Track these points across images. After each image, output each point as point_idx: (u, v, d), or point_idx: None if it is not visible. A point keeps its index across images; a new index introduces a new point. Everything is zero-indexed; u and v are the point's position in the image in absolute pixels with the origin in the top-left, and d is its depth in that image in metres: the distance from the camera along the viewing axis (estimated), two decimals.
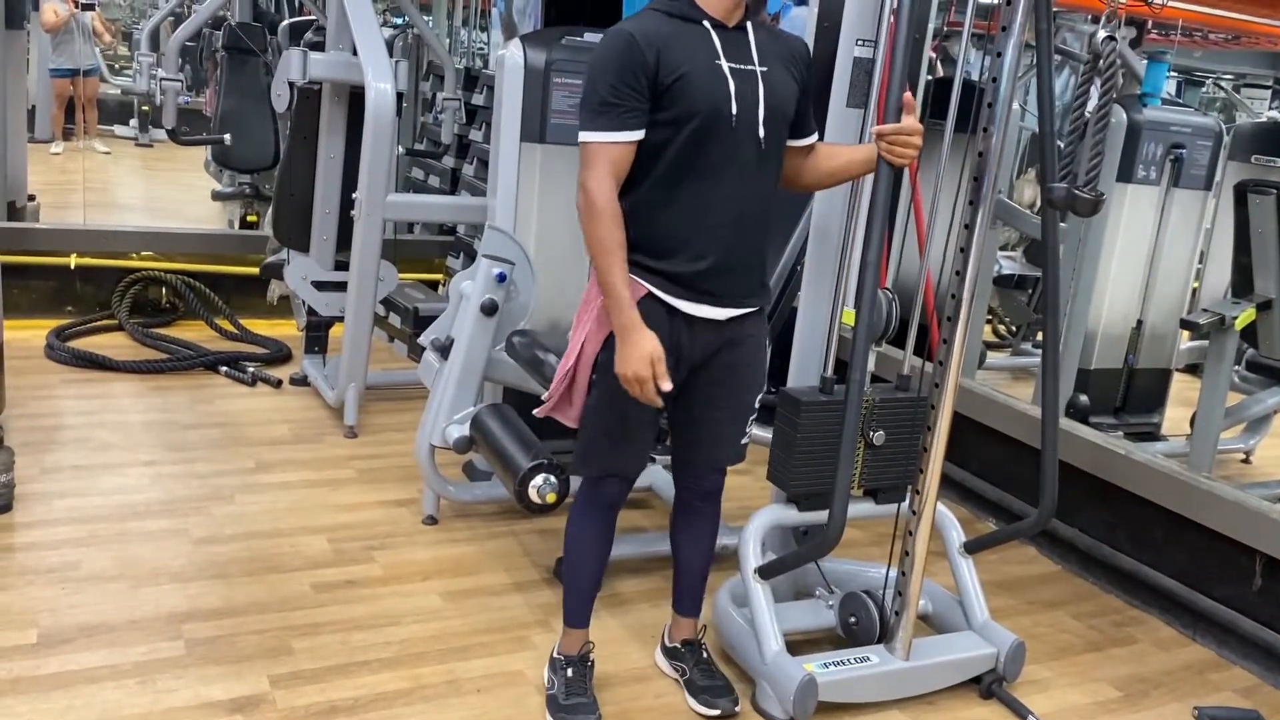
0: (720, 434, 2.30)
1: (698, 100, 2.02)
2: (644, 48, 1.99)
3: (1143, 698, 2.68)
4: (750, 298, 2.21)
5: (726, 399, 2.26)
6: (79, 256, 4.96)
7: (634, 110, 2.01)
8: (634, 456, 2.26)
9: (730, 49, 2.08)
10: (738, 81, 2.06)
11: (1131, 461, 3.22)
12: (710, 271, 2.11)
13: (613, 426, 2.19)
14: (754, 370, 2.29)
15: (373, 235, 3.66)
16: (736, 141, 2.07)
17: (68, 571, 2.73)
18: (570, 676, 2.32)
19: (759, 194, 2.15)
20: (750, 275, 2.20)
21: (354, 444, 3.83)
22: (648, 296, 2.10)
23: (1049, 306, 2.54)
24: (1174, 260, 4.27)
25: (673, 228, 2.09)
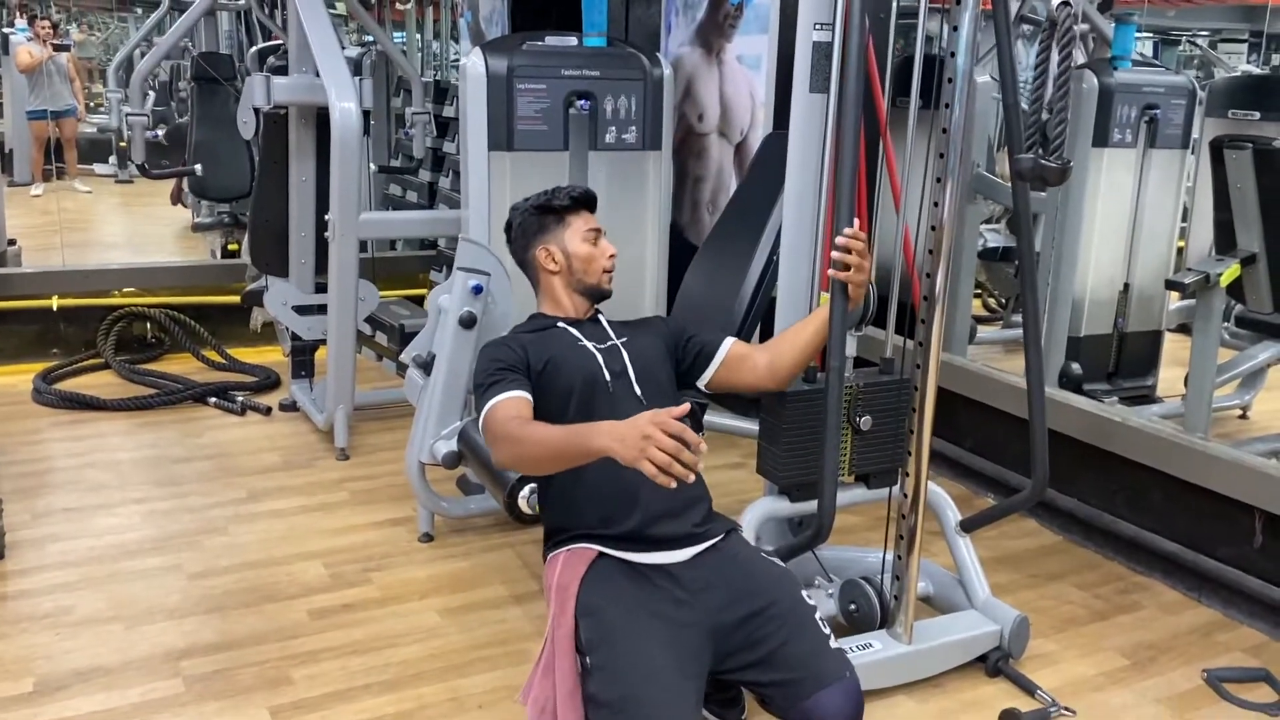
0: (797, 655, 1.93)
1: (571, 374, 2.15)
2: (514, 347, 2.17)
3: (1151, 664, 2.66)
4: (703, 532, 2.09)
5: (770, 618, 1.96)
6: (60, 298, 4.94)
7: (517, 380, 2.09)
8: (685, 715, 1.83)
9: (588, 333, 2.25)
10: (603, 355, 2.21)
11: (1126, 427, 3.21)
12: (646, 524, 2.03)
13: (630, 695, 1.82)
14: (768, 575, 2.06)
15: (349, 256, 3.64)
16: (618, 402, 2.12)
17: (62, 616, 2.71)
18: None
19: None
20: (687, 515, 2.08)
21: (346, 466, 3.81)
22: (600, 556, 2.02)
23: (1025, 278, 2.52)
24: (1156, 221, 4.25)
25: (594, 498, 2.06)
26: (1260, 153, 3.48)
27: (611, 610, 1.93)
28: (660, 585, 1.99)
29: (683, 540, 2.06)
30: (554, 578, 2.05)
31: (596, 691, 1.86)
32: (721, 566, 2.04)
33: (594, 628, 1.91)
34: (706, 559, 2.05)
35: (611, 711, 1.82)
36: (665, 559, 2.03)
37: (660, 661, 1.85)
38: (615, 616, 1.92)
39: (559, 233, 2.30)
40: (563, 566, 2.04)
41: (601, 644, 1.89)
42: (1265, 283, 3.61)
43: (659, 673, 1.84)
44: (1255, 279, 3.61)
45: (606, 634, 1.89)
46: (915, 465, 2.45)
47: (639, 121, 3.46)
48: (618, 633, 1.89)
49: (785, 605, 1.99)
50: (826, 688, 1.89)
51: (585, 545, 2.05)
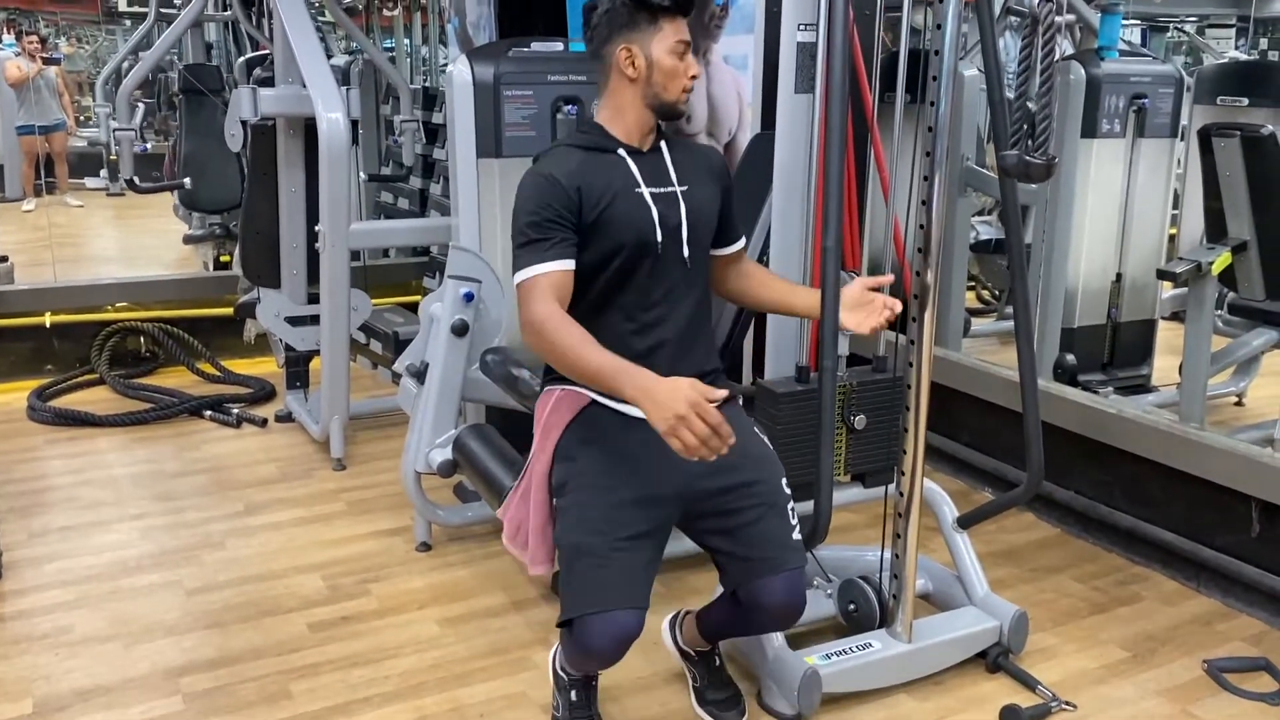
0: (759, 533, 2.01)
1: (623, 233, 2.00)
2: (566, 186, 1.97)
3: (1151, 655, 2.66)
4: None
5: (744, 494, 2.02)
6: (53, 314, 4.93)
7: (565, 241, 1.97)
8: (620, 582, 1.92)
9: (648, 173, 2.05)
10: (660, 206, 2.04)
11: (1121, 418, 3.21)
12: None
13: (580, 545, 1.92)
14: (756, 456, 2.08)
15: (340, 266, 3.64)
16: (663, 266, 2.04)
17: (60, 636, 2.71)
18: (574, 700, 2.26)
19: (692, 310, 2.10)
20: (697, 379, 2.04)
21: (343, 476, 3.80)
22: (592, 404, 2.02)
23: (1015, 271, 2.52)
24: (1147, 210, 4.25)
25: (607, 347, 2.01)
26: (1249, 140, 3.48)
27: (587, 460, 1.99)
28: (646, 439, 1.88)
29: None
30: (544, 414, 2.05)
31: (558, 535, 1.99)
32: None
33: (567, 473, 1.98)
34: None
35: (565, 555, 1.96)
36: None
37: (619, 519, 1.93)
38: (589, 467, 1.98)
39: (648, 35, 2.00)
40: (553, 406, 2.05)
41: (571, 490, 1.97)
42: (1257, 269, 3.61)
43: (618, 528, 1.92)
44: (1247, 266, 3.61)
45: (577, 482, 1.97)
46: (911, 463, 2.44)
47: None
48: (587, 483, 1.97)
49: (765, 487, 2.05)
50: (778, 574, 2.01)
51: (579, 390, 2.03)
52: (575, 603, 1.93)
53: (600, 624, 1.90)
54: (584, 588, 1.92)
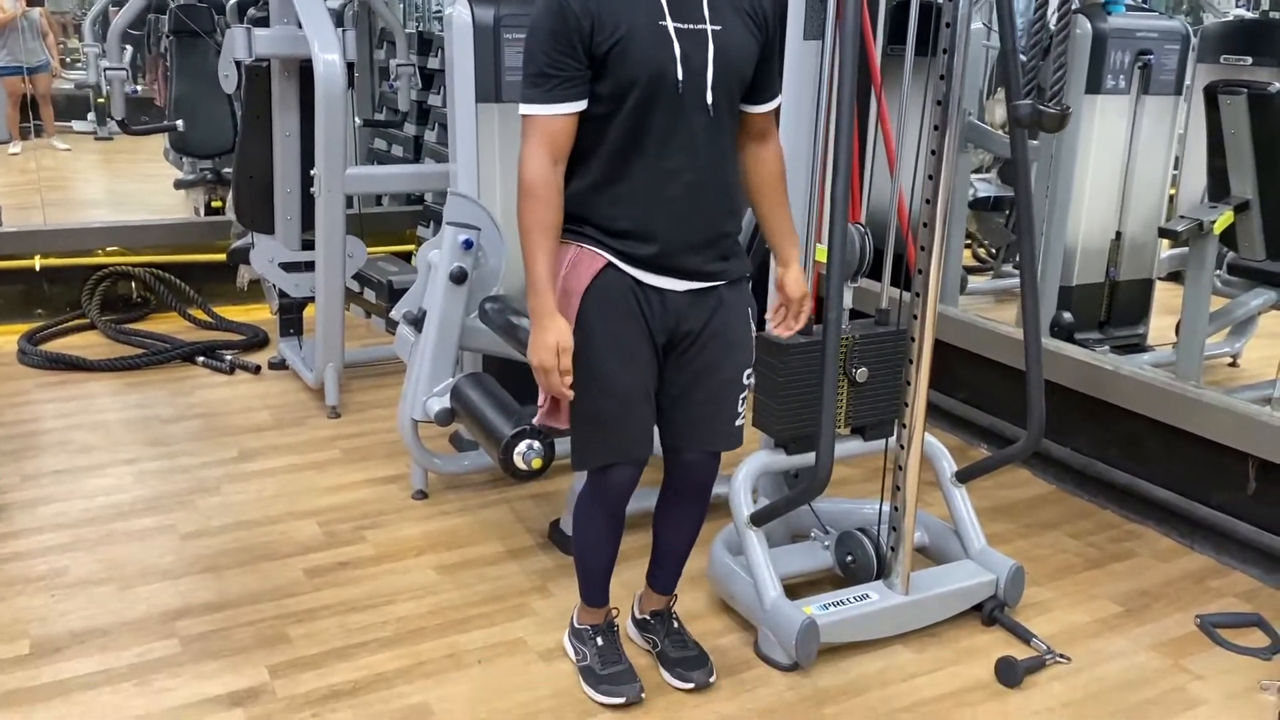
0: (705, 414, 2.14)
1: (638, 67, 1.87)
2: (579, 13, 1.85)
3: (1145, 610, 2.68)
4: (717, 271, 2.06)
5: (709, 375, 2.10)
6: (43, 257, 4.87)
7: (571, 80, 1.88)
8: (635, 439, 2.10)
9: (677, 6, 1.90)
10: (684, 43, 1.90)
11: (1119, 376, 3.20)
12: (667, 248, 1.99)
13: (602, 410, 2.06)
14: (736, 343, 2.12)
15: (335, 212, 3.59)
16: (683, 110, 1.91)
17: (56, 578, 2.70)
18: (602, 645, 2.28)
19: (714, 163, 1.99)
20: (713, 248, 2.04)
21: (337, 424, 3.79)
22: (608, 267, 2.01)
23: (1023, 226, 2.50)
24: (1149, 169, 4.22)
25: (623, 206, 1.98)
26: (1255, 98, 3.45)
27: (603, 329, 2.03)
28: (651, 304, 2.04)
29: (693, 274, 2.05)
30: (560, 272, 2.04)
31: (575, 396, 2.04)
32: (708, 311, 2.08)
33: (584, 342, 2.02)
34: (703, 299, 2.07)
35: (580, 414, 2.08)
36: (668, 285, 2.04)
37: (631, 385, 2.06)
38: (605, 336, 2.03)
39: None
40: (571, 267, 2.03)
41: (587, 360, 2.02)
42: (1258, 229, 3.60)
43: (629, 394, 2.06)
44: (1248, 226, 3.60)
45: (594, 352, 2.03)
46: (912, 416, 2.44)
47: None
48: (603, 353, 2.03)
49: (728, 375, 2.13)
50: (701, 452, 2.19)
51: (597, 251, 2.01)
52: (597, 456, 2.13)
53: (620, 471, 2.13)
54: (591, 445, 2.12)
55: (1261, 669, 2.42)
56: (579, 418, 2.09)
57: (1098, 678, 2.39)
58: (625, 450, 2.10)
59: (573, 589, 2.36)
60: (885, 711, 2.24)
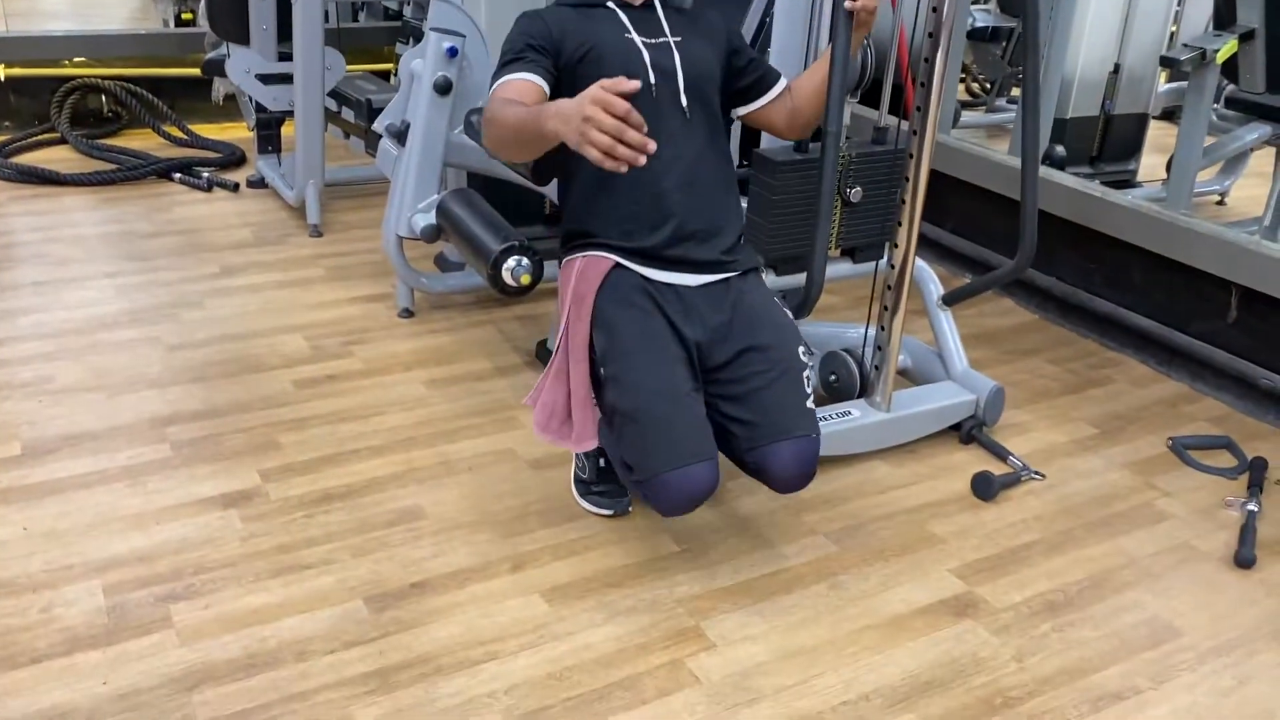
0: (772, 398, 1.96)
1: (611, 70, 1.86)
2: (550, 25, 2.00)
3: (1119, 432, 2.74)
4: (725, 261, 2.06)
5: (758, 354, 1.99)
6: (7, 67, 4.69)
7: (533, 61, 1.96)
8: (690, 435, 1.89)
9: (640, 25, 2.05)
10: (652, 52, 2.03)
11: (1108, 204, 3.19)
12: (670, 240, 2.00)
13: (645, 410, 1.89)
14: (773, 321, 2.04)
15: (313, 20, 3.46)
16: (660, 111, 1.97)
17: (43, 385, 2.70)
18: (602, 466, 2.28)
19: (701, 160, 2.03)
20: (716, 237, 2.05)
21: (320, 243, 3.74)
22: (616, 267, 1.98)
23: (1029, 42, 2.43)
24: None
25: (619, 206, 1.99)
26: None
27: (626, 324, 1.98)
28: (669, 301, 2.01)
29: (701, 266, 2.05)
30: (569, 284, 2.05)
31: (614, 400, 1.94)
32: (729, 301, 2.04)
33: (609, 340, 1.97)
34: (717, 290, 2.05)
35: (627, 419, 1.92)
36: (678, 279, 2.03)
37: (674, 377, 1.93)
38: (630, 330, 1.97)
39: None
40: (578, 275, 2.04)
41: (619, 356, 1.94)
42: (1261, 60, 3.54)
43: (673, 388, 1.91)
44: (1252, 56, 3.53)
45: (622, 347, 1.95)
46: (906, 236, 2.42)
47: None
48: (632, 346, 1.95)
49: (778, 354, 2.00)
50: (784, 440, 1.94)
51: (602, 254, 2.03)
52: (649, 463, 1.88)
53: (678, 480, 1.86)
54: (655, 448, 1.88)
55: (1227, 487, 2.51)
56: (625, 425, 1.91)
57: (1070, 493, 2.46)
58: (682, 450, 1.87)
59: None
60: (863, 520, 2.31)
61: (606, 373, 1.96)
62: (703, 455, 1.89)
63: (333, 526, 2.19)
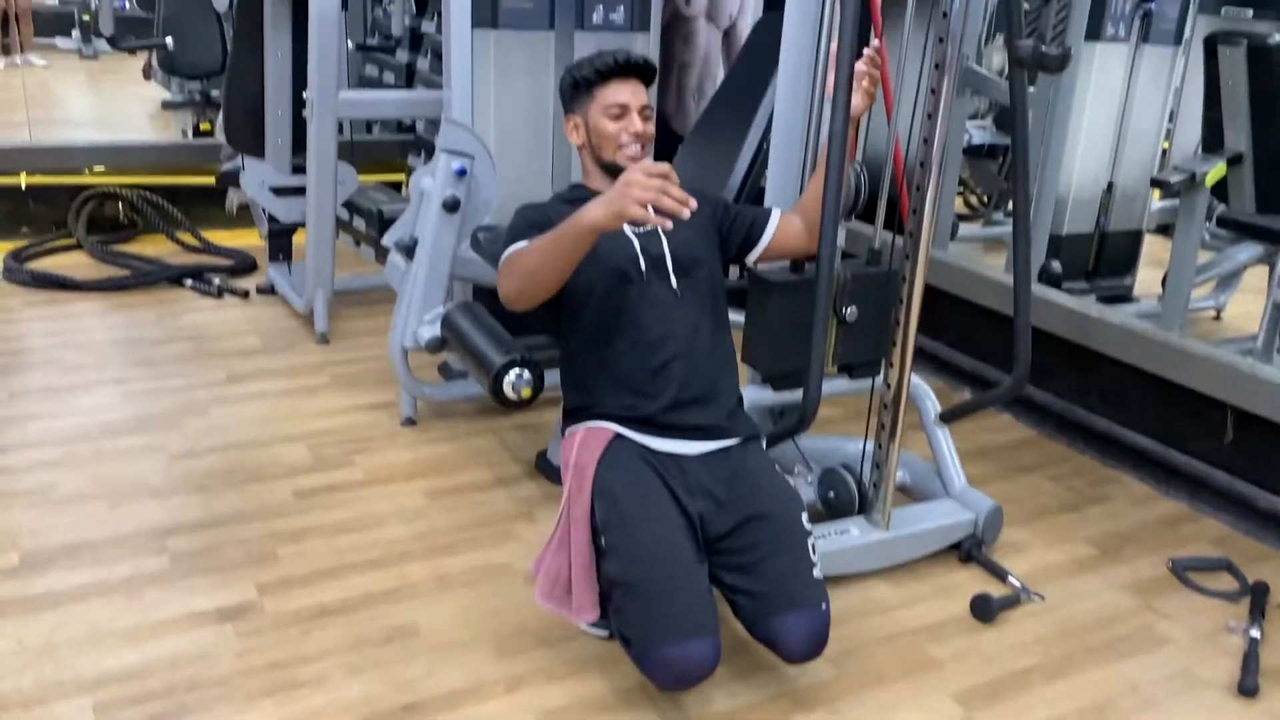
0: (779, 568, 1.95)
1: (605, 259, 2.06)
2: (550, 212, 2.10)
3: (1118, 552, 2.74)
4: (724, 428, 2.11)
5: (764, 528, 1.99)
6: (29, 175, 4.82)
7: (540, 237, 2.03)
8: (692, 606, 1.87)
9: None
10: (641, 240, 2.13)
11: (1104, 323, 3.24)
12: (669, 406, 2.05)
13: (645, 580, 1.89)
14: (773, 488, 2.07)
15: (327, 135, 3.56)
16: (650, 291, 2.08)
17: (45, 493, 2.72)
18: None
19: (696, 333, 2.11)
20: (714, 404, 2.11)
21: (326, 350, 3.79)
22: (617, 438, 2.03)
23: (1019, 168, 2.50)
24: (1144, 119, 4.22)
25: (619, 380, 2.06)
26: (1254, 49, 3.44)
27: (627, 493, 1.98)
28: (670, 471, 2.03)
29: (701, 432, 2.08)
30: (571, 456, 2.07)
31: (615, 572, 1.93)
32: (730, 470, 2.06)
33: (610, 510, 1.96)
34: (718, 459, 2.07)
35: (627, 591, 1.90)
36: (679, 448, 2.06)
37: (675, 548, 1.92)
38: (631, 500, 1.97)
39: (585, 105, 2.18)
40: (580, 446, 2.06)
41: (619, 526, 1.94)
42: (1249, 183, 3.61)
43: (674, 559, 1.90)
44: (1240, 179, 3.60)
45: (623, 517, 1.95)
46: (900, 356, 2.46)
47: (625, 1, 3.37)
48: (634, 516, 1.95)
49: (782, 521, 2.01)
50: (795, 611, 1.92)
51: (603, 425, 2.07)
52: (647, 637, 1.86)
53: (678, 655, 1.84)
54: (654, 621, 1.86)
55: (1229, 611, 2.49)
56: (625, 597, 1.91)
57: (1070, 615, 2.44)
58: (679, 622, 1.84)
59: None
60: (861, 642, 2.29)
61: (607, 542, 1.94)
62: (703, 631, 1.85)
63: (327, 643, 2.18)
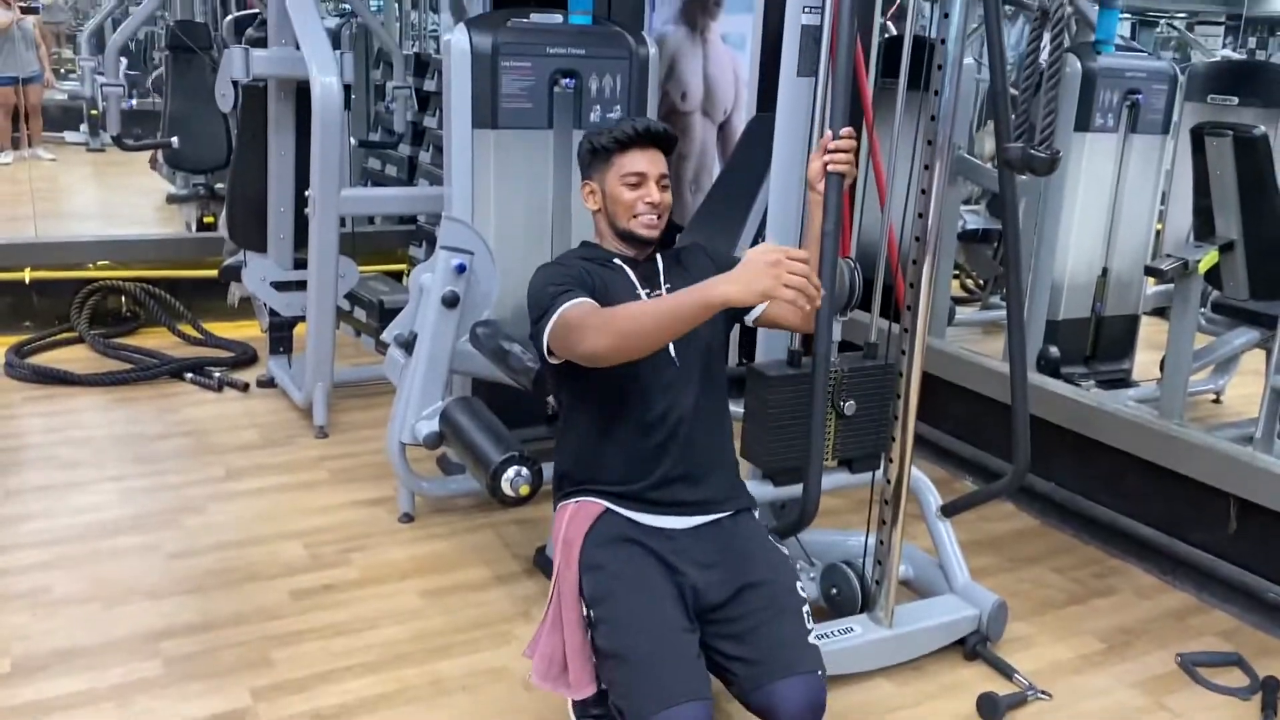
0: (773, 636, 1.93)
1: None
2: (573, 268, 2.06)
3: (1126, 648, 2.69)
4: (716, 501, 2.08)
5: (757, 595, 1.97)
6: (33, 270, 4.87)
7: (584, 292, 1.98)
8: (681, 676, 1.85)
9: (643, 278, 2.12)
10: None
11: (1103, 412, 3.24)
12: (660, 484, 2.03)
13: (634, 649, 1.88)
14: (766, 557, 2.05)
15: (329, 232, 3.61)
16: (655, 366, 2.02)
17: (38, 596, 2.69)
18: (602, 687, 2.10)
19: (696, 407, 2.07)
20: (712, 479, 2.08)
21: (325, 444, 3.79)
22: (607, 513, 2.03)
23: (1010, 265, 2.52)
24: (1136, 206, 4.27)
25: (618, 453, 2.05)
26: (1240, 140, 3.50)
27: (615, 565, 1.97)
28: (658, 542, 2.00)
29: (691, 507, 2.05)
30: (560, 529, 2.05)
31: (603, 644, 1.92)
32: (721, 542, 2.04)
33: (598, 582, 1.96)
34: (709, 532, 2.05)
35: (618, 662, 1.89)
36: (668, 523, 2.04)
37: (663, 616, 1.91)
38: (619, 571, 1.96)
39: (603, 172, 2.14)
40: (568, 521, 2.05)
41: (606, 598, 1.93)
42: (1242, 269, 3.64)
43: (662, 627, 1.89)
44: (1233, 266, 3.63)
45: (610, 588, 1.94)
46: (899, 451, 2.46)
47: (623, 100, 3.43)
48: (621, 587, 1.94)
49: (775, 589, 1.99)
50: (791, 678, 1.88)
51: (593, 500, 2.05)
52: (638, 706, 1.83)
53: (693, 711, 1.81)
54: (644, 689, 1.84)
55: (1241, 708, 2.44)
56: (616, 668, 1.90)
57: (1079, 715, 2.40)
58: (670, 687, 1.82)
59: None
60: None
61: (596, 615, 1.94)
62: (694, 695, 1.82)
63: None
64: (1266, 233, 3.56)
